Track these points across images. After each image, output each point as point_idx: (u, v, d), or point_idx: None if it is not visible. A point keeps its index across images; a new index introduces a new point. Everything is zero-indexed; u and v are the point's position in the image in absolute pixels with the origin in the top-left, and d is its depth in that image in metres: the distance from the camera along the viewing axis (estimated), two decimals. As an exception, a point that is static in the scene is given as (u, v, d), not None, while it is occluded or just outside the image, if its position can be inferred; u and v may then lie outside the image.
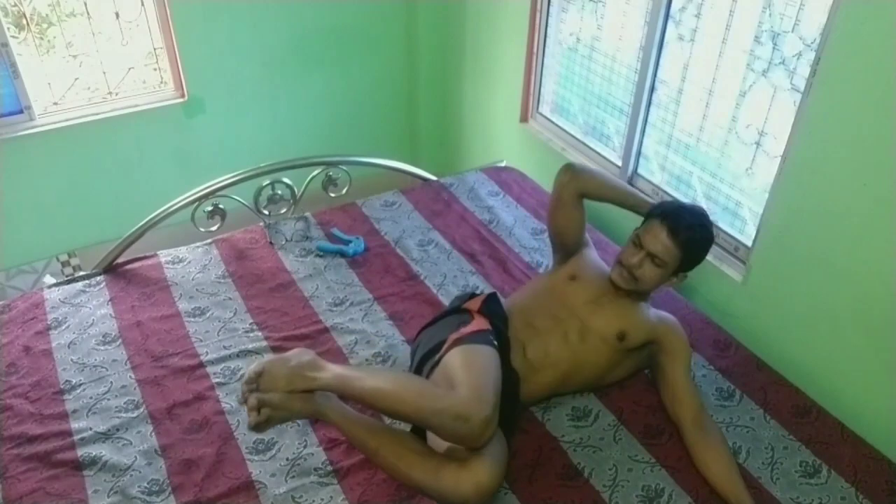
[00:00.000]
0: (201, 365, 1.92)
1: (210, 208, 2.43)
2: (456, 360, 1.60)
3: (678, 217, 1.71)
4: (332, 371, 1.56)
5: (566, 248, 1.95)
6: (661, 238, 1.70)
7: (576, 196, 1.90)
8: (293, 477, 1.63)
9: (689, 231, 1.70)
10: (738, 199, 2.25)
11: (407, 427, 1.67)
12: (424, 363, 1.69)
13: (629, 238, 1.79)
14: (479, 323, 1.72)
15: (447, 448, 1.51)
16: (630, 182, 2.60)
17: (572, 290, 1.84)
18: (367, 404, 1.53)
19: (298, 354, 1.58)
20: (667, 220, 1.70)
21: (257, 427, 1.51)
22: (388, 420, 1.70)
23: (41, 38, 2.86)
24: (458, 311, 1.82)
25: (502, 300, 1.88)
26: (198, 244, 2.41)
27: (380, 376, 1.58)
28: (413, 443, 1.56)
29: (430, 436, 1.57)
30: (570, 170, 1.92)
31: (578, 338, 1.78)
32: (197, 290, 2.21)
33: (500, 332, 1.73)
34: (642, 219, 1.81)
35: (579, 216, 1.93)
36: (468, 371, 1.54)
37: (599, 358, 1.79)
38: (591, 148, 2.77)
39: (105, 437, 1.72)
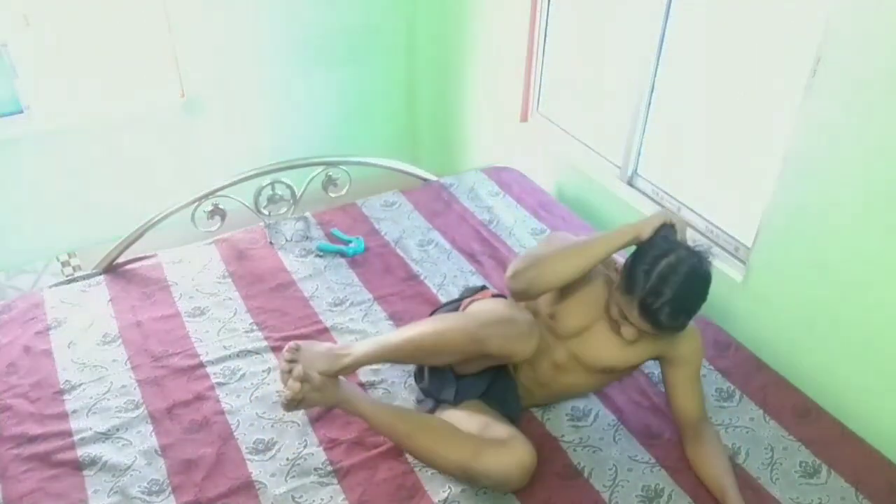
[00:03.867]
0: (201, 365, 1.92)
1: (210, 208, 2.43)
2: (475, 307, 1.65)
3: (657, 313, 1.44)
4: (362, 344, 1.62)
5: None
6: (644, 326, 1.49)
7: (538, 297, 1.61)
8: (293, 477, 1.63)
9: (673, 321, 1.47)
10: (737, 199, 2.24)
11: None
12: None
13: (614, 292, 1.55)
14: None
15: (479, 429, 1.52)
16: (630, 182, 2.60)
17: (556, 324, 1.64)
18: (411, 352, 1.56)
19: (328, 343, 1.70)
20: (645, 316, 1.46)
21: (291, 404, 1.54)
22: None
23: (41, 38, 2.86)
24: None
25: None
26: (198, 244, 2.41)
27: (409, 327, 1.61)
28: (447, 425, 1.56)
29: (461, 420, 1.58)
30: (514, 279, 1.55)
31: (568, 365, 1.67)
32: (197, 290, 2.20)
33: None
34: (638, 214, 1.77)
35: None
36: (493, 303, 1.61)
37: (592, 382, 1.73)
38: (591, 148, 2.77)
39: (105, 437, 1.72)
